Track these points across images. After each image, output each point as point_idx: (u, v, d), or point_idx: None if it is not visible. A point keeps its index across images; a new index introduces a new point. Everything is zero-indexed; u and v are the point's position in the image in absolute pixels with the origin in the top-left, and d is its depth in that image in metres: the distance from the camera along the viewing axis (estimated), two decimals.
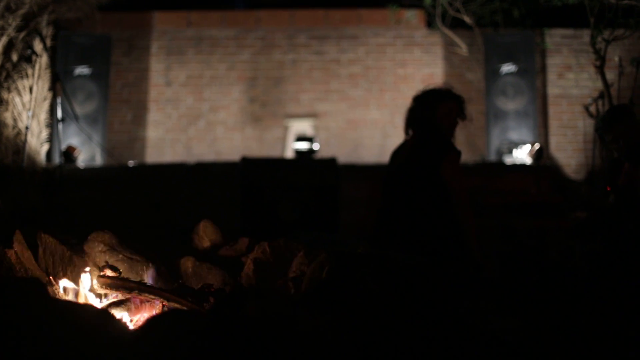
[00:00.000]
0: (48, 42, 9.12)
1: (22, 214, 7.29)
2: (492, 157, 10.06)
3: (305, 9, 11.65)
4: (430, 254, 4.39)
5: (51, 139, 9.34)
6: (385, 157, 5.57)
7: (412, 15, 11.29)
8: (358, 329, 2.72)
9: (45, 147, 9.29)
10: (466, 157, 10.28)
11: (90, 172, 9.08)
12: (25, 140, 8.13)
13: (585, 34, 10.15)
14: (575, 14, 8.44)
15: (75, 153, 9.19)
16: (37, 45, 8.71)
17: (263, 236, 4.15)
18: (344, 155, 10.43)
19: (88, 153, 9.75)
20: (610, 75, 8.17)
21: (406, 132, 5.08)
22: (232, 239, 4.55)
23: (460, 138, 10.75)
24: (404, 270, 3.53)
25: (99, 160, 9.86)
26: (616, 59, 8.26)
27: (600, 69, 7.29)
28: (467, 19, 10.65)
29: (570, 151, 10.88)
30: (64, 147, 8.91)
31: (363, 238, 5.29)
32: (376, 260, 3.60)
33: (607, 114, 5.17)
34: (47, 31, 9.22)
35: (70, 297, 3.46)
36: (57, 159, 8.99)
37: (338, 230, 7.64)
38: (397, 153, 5.06)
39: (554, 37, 11.04)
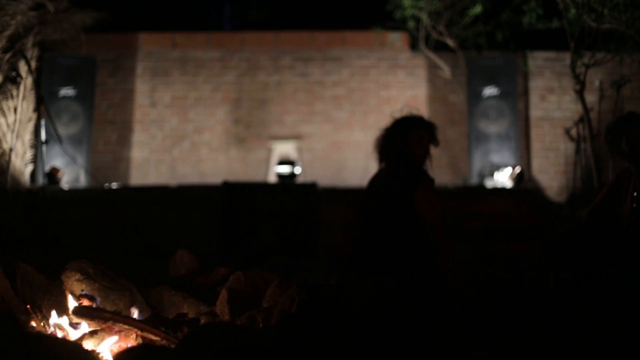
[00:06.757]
0: (33, 63, 9.11)
1: (5, 235, 7.29)
2: (475, 179, 10.10)
3: (290, 31, 11.73)
4: (405, 280, 4.43)
5: (35, 160, 9.33)
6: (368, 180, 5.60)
7: (396, 38, 11.38)
8: None
9: (29, 168, 9.29)
10: (449, 179, 10.38)
11: (74, 194, 9.08)
12: (9, 161, 8.15)
13: (568, 57, 10.18)
14: (558, 37, 8.52)
15: (59, 174, 9.20)
16: (22, 67, 8.73)
17: (242, 261, 4.19)
18: (328, 177, 10.47)
19: (72, 174, 9.76)
20: (592, 98, 8.24)
21: (379, 162, 5.12)
22: (211, 263, 4.58)
23: (443, 160, 10.89)
24: (376, 302, 3.57)
25: (83, 182, 9.88)
26: (597, 82, 8.33)
27: (580, 94, 7.34)
28: (450, 42, 10.75)
29: (553, 173, 10.94)
30: (47, 168, 8.93)
31: (341, 263, 5.32)
32: (348, 291, 3.64)
33: (619, 120, 5.06)
34: (33, 52, 9.24)
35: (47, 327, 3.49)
36: (41, 180, 9.01)
37: (318, 255, 7.67)
38: (374, 181, 5.11)
39: (537, 59, 11.12)
